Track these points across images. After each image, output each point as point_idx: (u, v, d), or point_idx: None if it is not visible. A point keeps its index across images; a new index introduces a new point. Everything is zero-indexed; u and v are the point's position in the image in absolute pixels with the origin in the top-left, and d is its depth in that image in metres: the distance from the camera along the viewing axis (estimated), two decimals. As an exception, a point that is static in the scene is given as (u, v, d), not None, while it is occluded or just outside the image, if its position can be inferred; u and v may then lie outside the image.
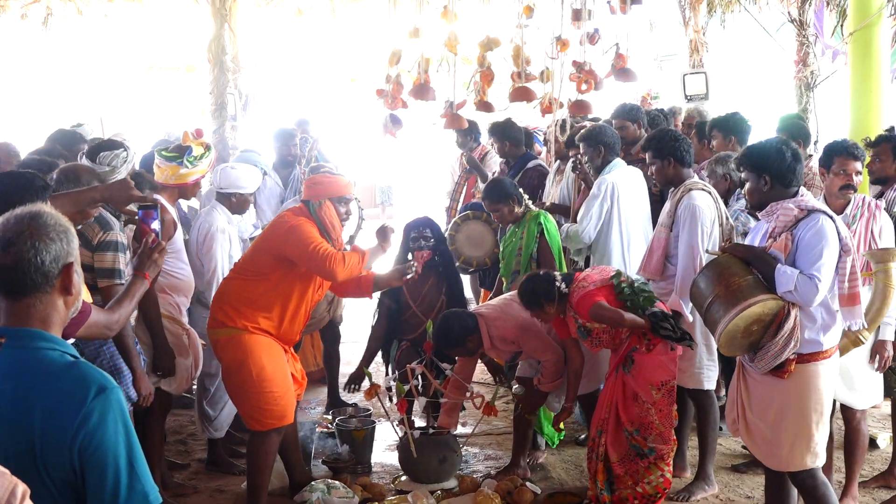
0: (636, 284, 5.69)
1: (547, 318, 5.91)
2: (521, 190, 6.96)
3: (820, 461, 4.78)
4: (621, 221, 6.91)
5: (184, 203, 7.31)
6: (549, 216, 6.90)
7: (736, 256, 4.85)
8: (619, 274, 5.78)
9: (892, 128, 7.73)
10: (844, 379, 5.54)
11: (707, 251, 5.31)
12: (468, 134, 10.01)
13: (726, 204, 6.46)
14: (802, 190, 4.83)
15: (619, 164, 7.05)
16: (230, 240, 6.55)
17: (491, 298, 6.97)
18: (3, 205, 2.69)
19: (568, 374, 6.09)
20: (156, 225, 4.16)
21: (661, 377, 5.60)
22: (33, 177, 4.35)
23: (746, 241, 5.09)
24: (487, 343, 6.09)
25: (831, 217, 4.72)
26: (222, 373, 5.83)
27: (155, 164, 6.19)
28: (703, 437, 6.26)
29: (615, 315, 5.56)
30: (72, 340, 4.82)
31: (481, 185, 9.89)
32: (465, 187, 10.30)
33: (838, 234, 4.68)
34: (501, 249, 7.02)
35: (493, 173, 9.38)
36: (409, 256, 6.99)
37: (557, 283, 5.77)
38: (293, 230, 5.62)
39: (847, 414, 5.88)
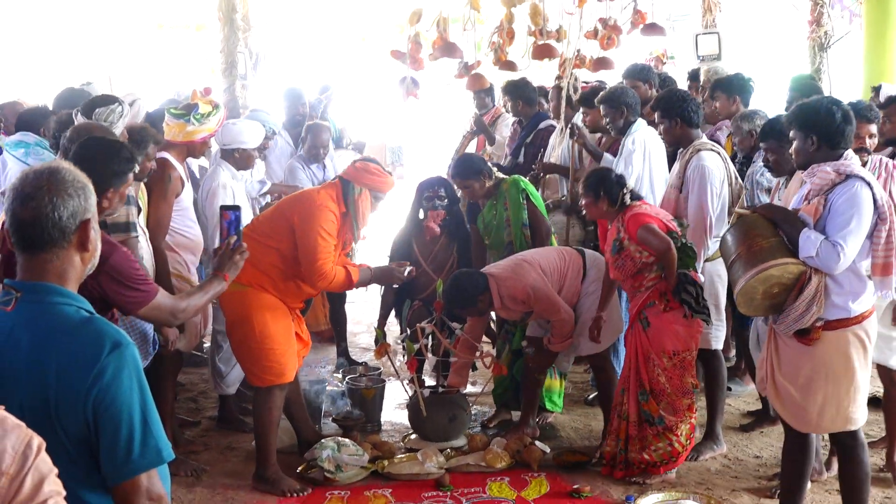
0: (687, 244, 5.68)
1: (594, 214, 5.88)
2: (488, 164, 6.85)
3: (856, 424, 4.71)
4: (652, 180, 6.86)
5: (195, 163, 7.30)
6: (524, 179, 6.83)
7: (765, 217, 4.82)
8: (681, 224, 5.79)
9: (880, 86, 7.67)
10: (881, 339, 5.47)
11: (736, 210, 5.28)
12: (488, 95, 9.95)
13: (750, 161, 6.45)
14: (849, 153, 4.65)
15: (642, 124, 7.01)
16: (233, 196, 6.55)
17: None
18: (87, 169, 2.69)
19: (603, 284, 6.08)
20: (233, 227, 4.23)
21: (673, 346, 5.60)
22: (121, 146, 4.38)
23: (792, 202, 4.97)
24: (498, 303, 6.10)
25: (869, 184, 4.55)
26: (226, 327, 5.87)
27: (164, 122, 6.19)
28: (711, 398, 6.28)
29: (661, 242, 5.52)
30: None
31: (489, 148, 9.87)
32: (466, 148, 10.24)
33: (875, 201, 4.53)
34: (482, 226, 6.87)
35: (504, 137, 9.34)
36: (422, 215, 6.99)
37: (625, 191, 5.74)
38: (313, 221, 5.60)
39: (886, 374, 5.82)
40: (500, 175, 6.81)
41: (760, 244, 4.65)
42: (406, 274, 6.06)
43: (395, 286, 6.80)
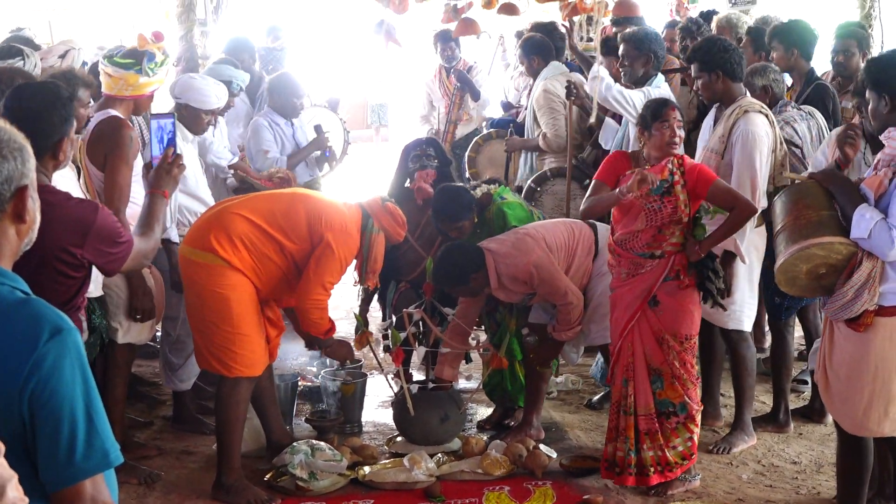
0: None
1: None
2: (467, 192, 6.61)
3: None
4: None
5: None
6: (508, 196, 6.71)
7: (821, 185, 4.81)
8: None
9: None
10: None
11: (788, 175, 5.27)
12: (457, 45, 9.97)
13: None
14: None
15: (662, 80, 6.99)
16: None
17: None
18: (31, 122, 2.68)
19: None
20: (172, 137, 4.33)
21: (686, 329, 5.62)
22: (58, 87, 4.36)
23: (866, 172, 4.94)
24: (495, 282, 6.08)
25: None
26: (191, 300, 5.78)
27: (103, 73, 5.97)
28: (738, 384, 6.40)
29: (730, 196, 5.52)
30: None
31: (471, 104, 9.88)
32: (459, 107, 10.28)
33: None
34: None
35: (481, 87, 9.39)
36: (407, 182, 6.98)
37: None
38: (342, 247, 5.72)
39: None
40: (480, 193, 6.65)
41: (808, 217, 4.65)
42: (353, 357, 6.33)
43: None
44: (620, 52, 7.10)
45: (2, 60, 5.51)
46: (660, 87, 6.92)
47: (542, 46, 8.47)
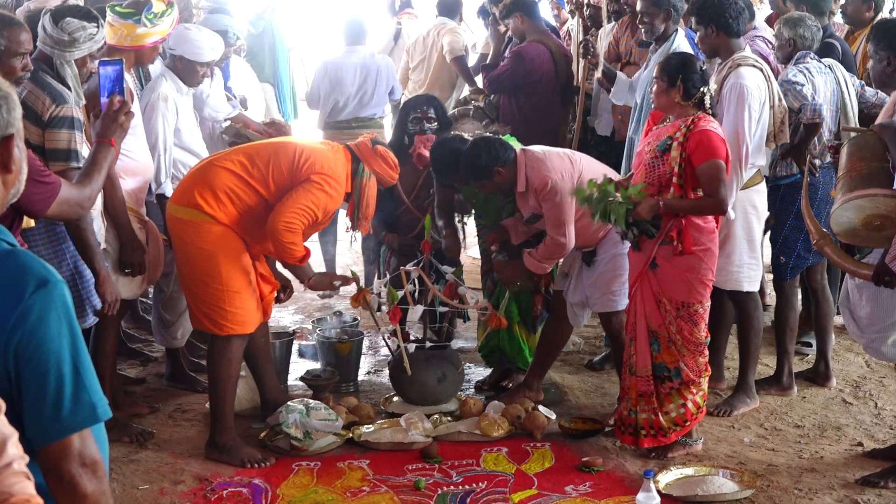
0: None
1: (661, 104, 5.68)
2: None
3: None
4: None
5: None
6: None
7: (879, 136, 4.83)
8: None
9: None
10: None
11: (846, 127, 5.28)
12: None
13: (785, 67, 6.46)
14: None
15: (681, 37, 6.92)
16: (177, 111, 6.46)
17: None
18: None
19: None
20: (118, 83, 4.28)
21: (682, 297, 5.59)
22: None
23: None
24: (523, 183, 6.02)
25: None
26: (180, 259, 5.79)
27: (107, 23, 5.95)
28: (744, 345, 6.39)
29: (713, 184, 5.44)
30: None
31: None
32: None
33: None
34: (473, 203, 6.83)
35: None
36: (406, 140, 6.94)
37: (705, 91, 5.60)
38: (317, 187, 5.62)
39: None
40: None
41: (859, 169, 4.73)
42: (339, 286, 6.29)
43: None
44: (638, 8, 7.04)
45: (77, 21, 5.38)
46: (680, 46, 6.85)
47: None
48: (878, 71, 5.27)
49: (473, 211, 6.89)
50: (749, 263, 6.23)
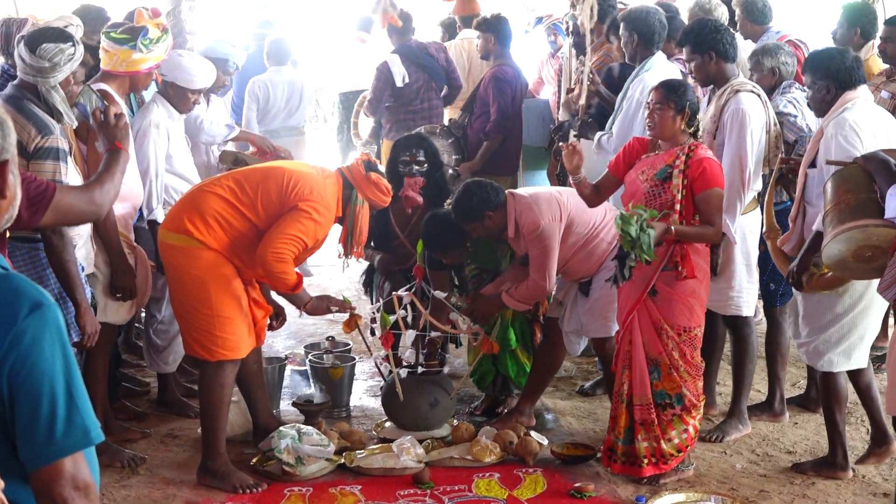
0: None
1: (663, 129, 5.63)
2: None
3: None
4: None
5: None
6: None
7: (863, 168, 4.86)
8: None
9: None
10: None
11: (830, 161, 5.31)
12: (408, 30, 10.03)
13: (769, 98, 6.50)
14: None
15: (660, 61, 6.95)
16: (168, 137, 6.49)
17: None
18: None
19: None
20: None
21: (685, 321, 5.62)
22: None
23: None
24: (512, 229, 6.09)
25: None
26: (171, 285, 5.83)
27: (101, 48, 6.08)
28: (738, 370, 6.41)
29: (712, 214, 5.52)
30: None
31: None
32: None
33: None
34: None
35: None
36: (395, 181, 6.95)
37: (698, 122, 5.73)
38: (305, 214, 5.63)
39: None
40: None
41: (847, 201, 4.76)
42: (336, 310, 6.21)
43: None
44: (620, 32, 7.12)
45: (53, 44, 5.35)
46: (649, 70, 6.89)
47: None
48: (819, 99, 5.55)
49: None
50: (748, 288, 6.26)
